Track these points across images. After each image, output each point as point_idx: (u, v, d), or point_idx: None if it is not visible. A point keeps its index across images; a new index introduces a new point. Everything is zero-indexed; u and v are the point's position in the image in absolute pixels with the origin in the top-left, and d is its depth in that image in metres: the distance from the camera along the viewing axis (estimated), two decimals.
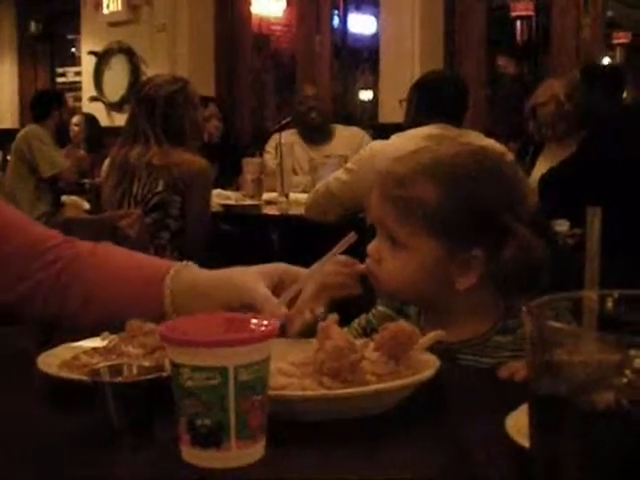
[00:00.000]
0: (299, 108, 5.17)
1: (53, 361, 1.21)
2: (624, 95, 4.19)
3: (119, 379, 1.01)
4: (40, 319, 1.50)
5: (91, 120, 6.99)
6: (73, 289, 1.46)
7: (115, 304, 1.43)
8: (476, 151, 1.49)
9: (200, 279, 1.41)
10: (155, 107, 3.60)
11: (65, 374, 1.16)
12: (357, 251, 1.41)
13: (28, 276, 1.47)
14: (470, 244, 1.40)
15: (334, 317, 1.19)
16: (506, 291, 1.43)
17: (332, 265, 1.42)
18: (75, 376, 1.13)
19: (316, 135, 5.16)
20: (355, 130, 5.34)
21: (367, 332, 1.51)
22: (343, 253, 1.35)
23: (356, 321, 1.58)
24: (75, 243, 1.53)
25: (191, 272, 1.43)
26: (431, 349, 1.17)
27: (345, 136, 5.17)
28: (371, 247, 1.46)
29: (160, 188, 3.54)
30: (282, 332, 1.23)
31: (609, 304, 0.63)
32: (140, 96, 3.70)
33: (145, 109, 3.62)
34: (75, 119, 6.87)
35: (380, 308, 1.56)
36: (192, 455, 0.88)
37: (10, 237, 1.47)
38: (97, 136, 6.80)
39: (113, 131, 7.30)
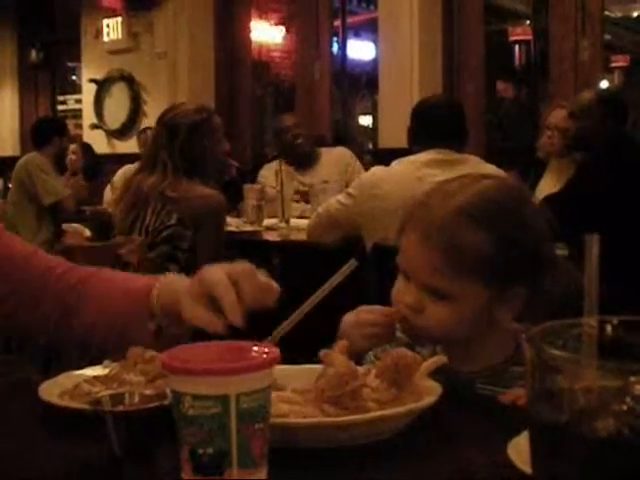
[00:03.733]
0: (284, 138, 5.15)
1: (54, 390, 1.21)
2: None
3: (121, 408, 1.01)
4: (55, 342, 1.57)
5: (87, 149, 6.98)
6: (76, 319, 1.49)
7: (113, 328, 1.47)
8: (501, 183, 1.44)
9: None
10: (177, 135, 3.44)
11: (66, 403, 1.16)
12: (357, 278, 1.40)
13: (38, 304, 1.50)
14: (513, 282, 1.37)
15: (344, 343, 1.18)
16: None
17: (367, 314, 1.41)
18: (76, 405, 1.13)
19: (304, 160, 5.17)
20: (340, 150, 5.39)
21: None
22: (343, 280, 1.34)
23: (372, 352, 1.51)
24: (75, 271, 1.56)
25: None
26: (449, 378, 1.16)
27: (331, 157, 5.22)
28: (410, 299, 1.38)
29: (173, 221, 3.38)
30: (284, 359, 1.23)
31: (609, 330, 0.63)
32: (163, 122, 3.54)
33: (167, 136, 3.46)
34: (72, 148, 6.82)
35: (398, 335, 1.49)
36: None
37: (14, 270, 1.51)
38: (94, 165, 6.79)
39: (113, 158, 7.35)
